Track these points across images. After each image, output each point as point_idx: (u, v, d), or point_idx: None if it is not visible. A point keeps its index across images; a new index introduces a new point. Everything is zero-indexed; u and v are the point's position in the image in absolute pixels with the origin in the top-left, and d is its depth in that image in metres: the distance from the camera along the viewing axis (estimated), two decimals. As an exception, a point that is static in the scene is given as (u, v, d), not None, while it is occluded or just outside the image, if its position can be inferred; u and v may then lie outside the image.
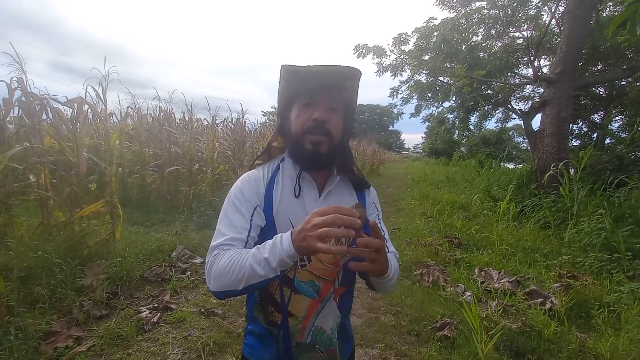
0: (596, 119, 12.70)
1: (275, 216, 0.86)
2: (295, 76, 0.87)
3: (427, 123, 27.62)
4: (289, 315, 0.86)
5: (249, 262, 0.72)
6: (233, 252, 0.76)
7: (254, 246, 0.78)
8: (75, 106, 3.37)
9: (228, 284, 0.74)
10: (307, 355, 0.88)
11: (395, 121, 67.78)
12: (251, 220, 0.84)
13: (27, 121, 3.24)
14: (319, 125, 0.85)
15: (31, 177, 3.25)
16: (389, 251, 0.92)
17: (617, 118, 11.89)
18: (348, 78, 0.87)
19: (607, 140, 11.91)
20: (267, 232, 0.85)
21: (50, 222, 3.22)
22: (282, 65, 0.88)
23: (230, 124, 7.88)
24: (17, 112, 3.33)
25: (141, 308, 2.72)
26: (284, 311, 0.86)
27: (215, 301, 2.93)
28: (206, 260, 0.81)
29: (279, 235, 0.73)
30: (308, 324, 0.87)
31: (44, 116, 3.35)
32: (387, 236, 0.94)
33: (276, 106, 0.99)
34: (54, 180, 3.38)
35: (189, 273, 3.45)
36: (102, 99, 3.50)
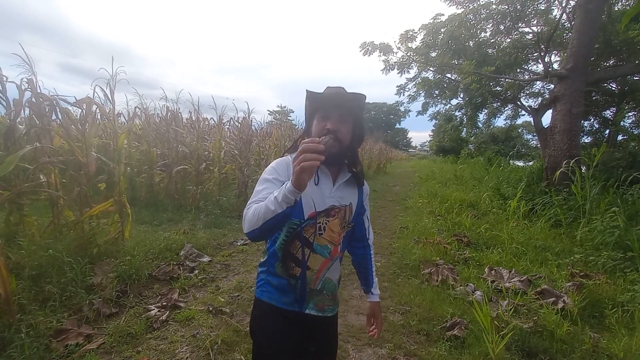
0: (608, 115, 12.44)
1: (303, 196, 1.11)
2: (315, 97, 1.19)
3: (434, 121, 27.33)
4: (307, 268, 1.17)
5: (264, 203, 0.99)
6: (258, 204, 1.05)
7: None
8: (84, 106, 3.39)
9: (252, 224, 1.00)
10: (317, 298, 1.21)
11: (402, 119, 67.08)
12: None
13: (37, 122, 3.27)
14: (331, 134, 1.11)
15: (41, 177, 3.29)
16: (368, 237, 1.36)
17: (630, 114, 11.65)
18: (354, 99, 1.17)
19: (620, 137, 11.68)
20: (294, 207, 1.07)
21: (61, 221, 3.26)
22: (307, 90, 1.19)
23: (236, 123, 7.90)
24: (27, 113, 3.37)
25: (150, 306, 2.74)
26: (304, 265, 1.17)
27: (223, 300, 2.93)
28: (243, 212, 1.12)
29: None
30: (320, 275, 1.19)
31: (54, 117, 3.39)
32: (368, 226, 1.36)
33: (281, 106, 1.27)
34: (64, 180, 3.42)
35: (197, 272, 3.47)
36: (110, 99, 3.53)
